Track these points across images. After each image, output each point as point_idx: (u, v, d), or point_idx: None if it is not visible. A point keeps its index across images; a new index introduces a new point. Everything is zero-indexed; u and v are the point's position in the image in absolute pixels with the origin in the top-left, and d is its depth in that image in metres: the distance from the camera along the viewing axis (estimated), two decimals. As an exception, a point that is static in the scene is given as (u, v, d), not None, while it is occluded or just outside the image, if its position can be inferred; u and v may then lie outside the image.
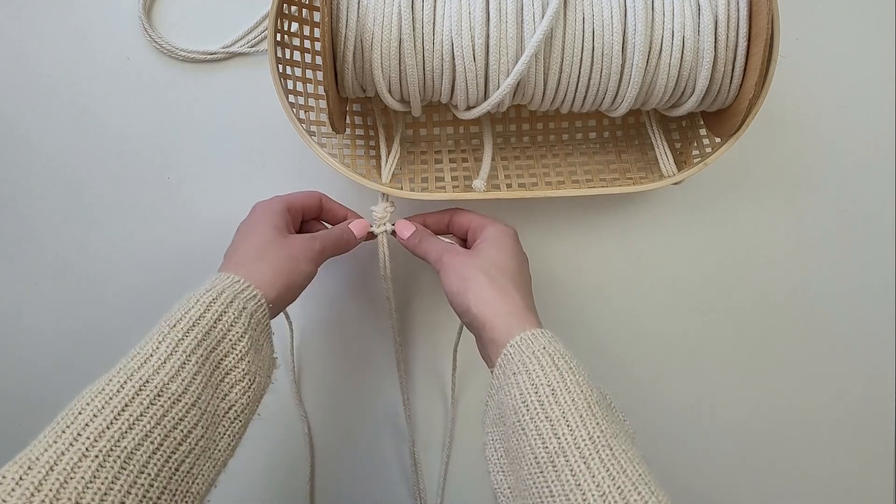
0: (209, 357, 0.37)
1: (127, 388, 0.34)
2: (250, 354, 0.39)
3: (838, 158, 0.59)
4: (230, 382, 0.38)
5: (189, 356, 0.36)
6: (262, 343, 0.42)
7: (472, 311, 0.43)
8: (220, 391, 0.38)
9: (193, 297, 0.39)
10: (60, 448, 0.31)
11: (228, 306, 0.39)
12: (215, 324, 0.38)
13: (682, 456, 0.62)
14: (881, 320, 0.61)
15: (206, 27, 0.57)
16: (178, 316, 0.38)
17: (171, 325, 0.37)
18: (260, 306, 0.41)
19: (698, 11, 0.45)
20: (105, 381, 0.34)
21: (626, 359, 0.61)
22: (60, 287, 0.59)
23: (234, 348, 0.38)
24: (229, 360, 0.38)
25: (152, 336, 0.37)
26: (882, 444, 0.62)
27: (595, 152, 0.57)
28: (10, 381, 0.60)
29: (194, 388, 0.36)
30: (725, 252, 0.60)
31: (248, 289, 0.41)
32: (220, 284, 0.40)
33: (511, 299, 0.44)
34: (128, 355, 0.36)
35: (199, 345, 0.37)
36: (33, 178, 0.58)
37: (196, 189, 0.58)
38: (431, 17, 0.45)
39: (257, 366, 0.40)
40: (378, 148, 0.55)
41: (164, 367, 0.35)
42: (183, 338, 0.37)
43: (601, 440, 0.35)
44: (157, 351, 0.36)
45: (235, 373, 0.38)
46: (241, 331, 0.39)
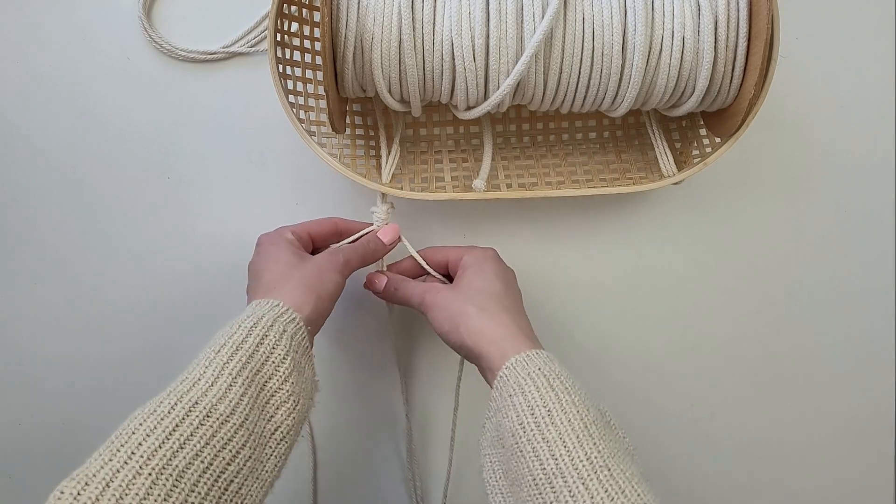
0: (254, 379, 0.38)
1: (177, 409, 0.35)
2: (293, 376, 0.40)
3: (838, 158, 0.59)
4: (275, 404, 0.39)
5: (235, 378, 0.37)
6: (304, 365, 0.42)
7: (467, 344, 0.43)
8: (266, 412, 0.38)
9: (235, 323, 0.40)
10: (116, 466, 0.32)
11: (269, 329, 0.40)
12: (258, 347, 0.39)
13: (682, 456, 0.62)
14: (881, 320, 0.61)
15: (206, 27, 0.57)
16: (221, 341, 0.39)
17: (216, 351, 0.38)
18: (299, 329, 0.42)
19: (698, 11, 0.45)
20: (157, 402, 0.35)
21: (626, 359, 0.61)
22: (60, 287, 0.59)
23: (278, 370, 0.39)
24: (273, 382, 0.39)
25: (199, 361, 0.38)
26: (882, 444, 0.62)
27: (595, 152, 0.57)
28: (10, 381, 0.60)
29: (241, 408, 0.36)
30: (725, 252, 0.60)
31: (286, 312, 0.42)
32: (260, 310, 0.41)
33: (502, 323, 0.44)
34: (177, 379, 0.37)
35: (244, 367, 0.38)
36: (33, 178, 0.58)
37: (196, 189, 0.58)
38: (431, 17, 0.45)
39: (301, 387, 0.40)
40: (378, 148, 0.55)
41: (212, 390, 0.36)
42: (228, 361, 0.38)
43: (599, 461, 0.35)
44: (204, 375, 0.37)
45: (280, 394, 0.39)
46: (282, 353, 0.40)
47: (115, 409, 0.61)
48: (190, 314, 0.59)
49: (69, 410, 0.60)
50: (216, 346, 0.38)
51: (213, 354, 0.38)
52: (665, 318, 0.60)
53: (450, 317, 0.45)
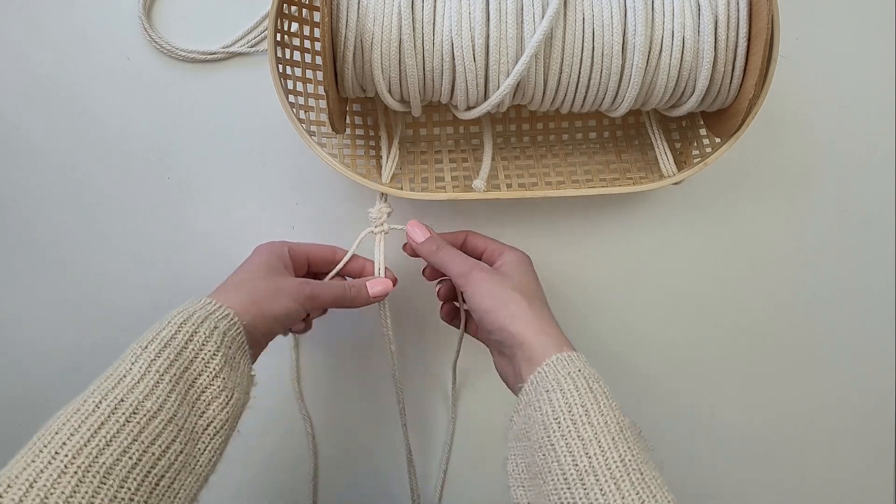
0: (183, 375, 0.38)
1: (102, 406, 0.35)
2: (225, 371, 0.40)
3: (838, 158, 0.59)
4: (207, 399, 0.39)
5: (162, 375, 0.37)
6: (239, 360, 0.42)
7: (509, 328, 0.43)
8: (197, 408, 0.38)
9: (165, 318, 0.40)
10: (39, 466, 0.32)
11: (199, 326, 0.40)
12: (187, 343, 0.39)
13: (683, 455, 0.62)
14: (881, 320, 0.61)
15: (206, 27, 0.57)
16: (149, 337, 0.39)
17: (143, 347, 0.38)
18: (233, 325, 0.42)
19: (698, 11, 0.45)
20: (80, 400, 0.35)
21: (626, 358, 0.61)
22: (60, 286, 0.59)
23: (208, 366, 0.39)
24: (204, 378, 0.39)
25: (125, 357, 0.38)
26: (882, 444, 0.62)
27: (595, 152, 0.57)
28: (10, 381, 0.60)
29: (169, 405, 0.36)
30: (725, 252, 0.60)
31: (219, 309, 0.42)
32: (192, 307, 0.41)
33: (547, 321, 0.44)
34: (101, 376, 0.37)
35: (172, 364, 0.38)
36: (33, 178, 0.58)
37: (196, 189, 0.58)
38: (431, 17, 0.45)
39: (234, 382, 0.40)
40: (378, 148, 0.55)
41: (139, 387, 0.36)
42: (155, 358, 0.37)
43: (632, 464, 0.35)
44: (130, 371, 0.37)
45: (211, 390, 0.39)
46: (213, 349, 0.40)
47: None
48: (190, 314, 0.59)
49: (69, 410, 0.60)
50: (143, 343, 0.38)
51: (140, 350, 0.38)
52: (665, 317, 0.60)
53: (494, 296, 0.45)
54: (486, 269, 0.47)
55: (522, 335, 0.43)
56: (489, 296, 0.45)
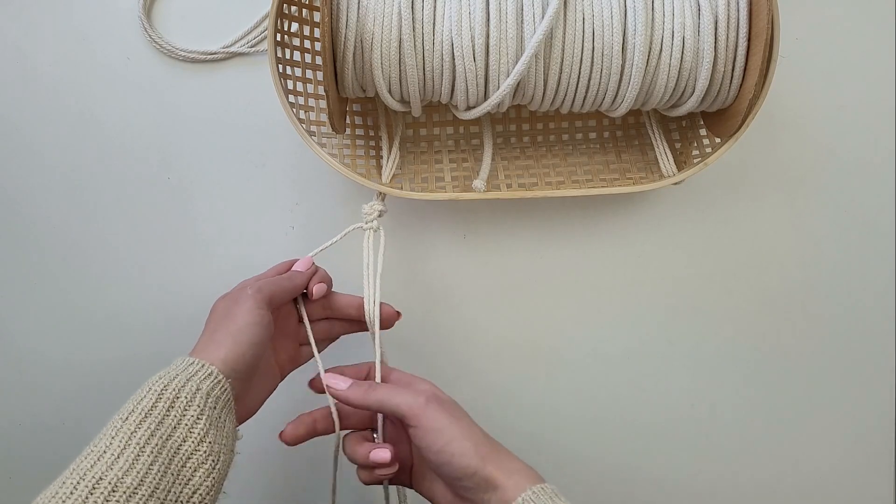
0: (166, 444, 0.37)
1: (80, 488, 0.33)
2: (210, 435, 0.38)
3: (838, 158, 0.59)
4: (192, 466, 0.38)
5: (143, 448, 0.36)
6: (224, 419, 0.41)
7: (482, 473, 0.41)
8: (182, 477, 0.37)
9: (146, 385, 0.39)
10: None
11: (181, 391, 0.39)
12: (168, 411, 0.38)
13: (682, 455, 0.62)
14: (881, 320, 0.61)
15: (206, 27, 0.57)
16: (130, 408, 0.38)
17: (124, 419, 0.37)
18: (218, 383, 0.40)
19: (698, 11, 0.45)
20: (58, 484, 0.34)
21: (626, 358, 0.61)
22: (60, 287, 0.59)
23: (192, 432, 0.38)
24: (188, 445, 0.38)
25: (106, 432, 0.37)
26: (882, 444, 0.62)
27: (595, 152, 0.57)
28: (10, 381, 0.60)
29: (150, 478, 0.35)
30: (725, 252, 0.60)
31: (202, 369, 0.40)
32: (174, 370, 0.40)
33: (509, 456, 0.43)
34: (81, 454, 0.36)
35: (153, 434, 0.37)
36: (33, 178, 0.58)
37: (196, 189, 0.58)
38: (431, 17, 0.45)
39: (220, 445, 0.39)
40: (378, 148, 0.56)
41: (118, 463, 0.35)
42: (136, 430, 0.36)
43: None
44: (109, 447, 0.36)
45: (196, 456, 0.38)
46: (196, 412, 0.38)
47: (114, 408, 0.61)
48: (189, 314, 0.59)
49: (69, 410, 0.60)
50: (124, 414, 0.37)
51: (121, 423, 0.37)
52: (665, 317, 0.60)
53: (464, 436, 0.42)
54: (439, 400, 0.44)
55: (496, 478, 0.41)
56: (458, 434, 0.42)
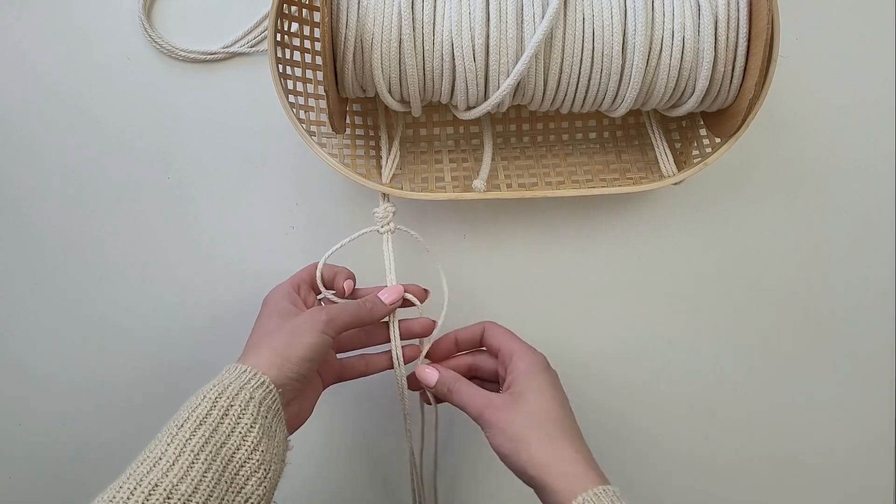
0: (220, 452, 0.37)
1: (136, 494, 0.34)
2: (263, 444, 0.39)
3: (838, 158, 0.59)
4: (245, 475, 0.38)
5: (198, 455, 0.36)
6: (276, 429, 0.41)
7: (529, 472, 0.43)
8: (235, 485, 0.38)
9: (200, 393, 0.40)
10: None
11: (234, 399, 0.39)
12: (223, 419, 0.38)
13: (682, 456, 0.62)
14: (881, 320, 0.61)
15: (206, 27, 0.57)
16: (185, 415, 0.38)
17: (179, 426, 0.38)
18: (269, 393, 0.41)
19: (698, 11, 0.45)
20: (116, 488, 0.35)
21: (626, 359, 0.61)
22: (60, 287, 0.59)
23: (246, 440, 0.39)
24: (242, 453, 0.38)
25: (161, 438, 0.37)
26: (882, 444, 0.62)
27: (595, 152, 0.57)
28: (10, 381, 0.60)
29: (205, 485, 0.36)
30: (725, 252, 0.60)
31: (254, 377, 0.41)
32: (227, 378, 0.41)
33: (566, 454, 0.43)
34: (137, 459, 0.37)
35: (208, 442, 0.37)
36: (33, 178, 0.58)
37: (196, 189, 0.58)
38: (431, 17, 0.45)
39: (271, 454, 0.40)
40: (378, 148, 0.56)
41: (173, 470, 0.36)
42: (190, 437, 0.37)
43: None
44: (165, 454, 0.36)
45: (250, 465, 0.38)
46: (249, 421, 0.39)
47: (115, 409, 0.61)
48: (189, 314, 0.59)
49: (69, 411, 0.60)
50: (179, 421, 0.38)
51: (176, 430, 0.37)
52: (665, 317, 0.60)
53: (510, 439, 0.44)
54: (497, 408, 0.46)
55: (542, 478, 0.42)
56: (504, 440, 0.44)
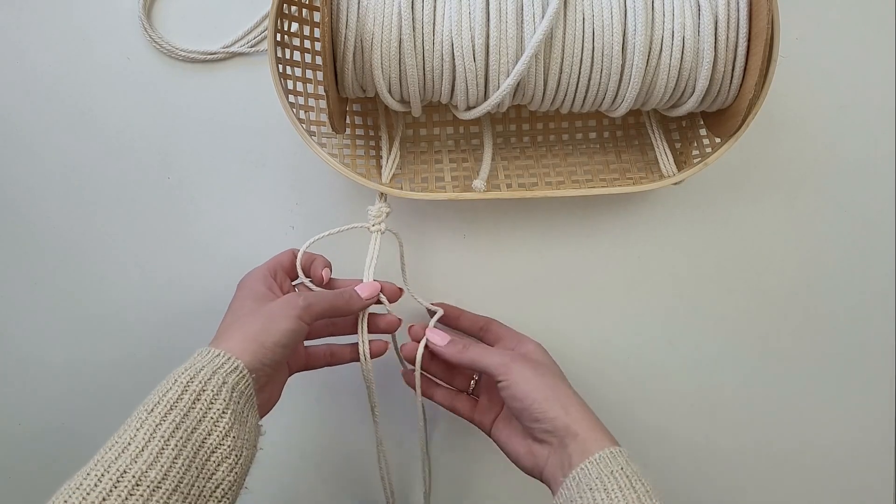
0: (191, 438, 0.37)
1: (104, 481, 0.33)
2: (235, 429, 0.38)
3: (838, 158, 0.59)
4: (216, 461, 0.37)
5: (168, 440, 0.36)
6: (247, 414, 0.41)
7: (563, 419, 0.44)
8: (206, 471, 0.37)
9: (172, 377, 0.39)
10: None
11: (207, 384, 0.38)
12: (194, 404, 0.38)
13: (682, 456, 0.62)
14: (881, 320, 0.61)
15: (206, 27, 0.57)
16: (155, 399, 0.37)
17: (149, 410, 0.37)
18: (242, 378, 0.40)
19: (698, 11, 0.45)
20: (83, 475, 0.34)
21: (626, 359, 0.61)
22: (60, 287, 0.59)
23: (217, 426, 0.38)
24: (213, 439, 0.37)
25: (130, 423, 0.36)
26: (882, 444, 0.62)
27: (595, 152, 0.57)
28: (10, 381, 0.60)
29: (174, 472, 0.35)
30: (725, 252, 0.60)
31: (228, 361, 0.40)
32: (200, 361, 0.40)
33: (590, 413, 0.45)
34: (106, 444, 0.36)
35: (178, 427, 0.36)
36: (33, 178, 0.58)
37: (196, 189, 0.58)
38: (431, 17, 0.45)
39: (243, 440, 0.39)
40: (378, 148, 0.56)
41: (142, 456, 0.35)
42: (161, 422, 0.36)
43: None
44: (134, 439, 0.35)
45: (221, 450, 0.38)
46: (221, 407, 0.38)
47: (115, 409, 0.61)
48: (189, 314, 0.59)
49: (69, 410, 0.60)
50: (149, 406, 0.37)
51: (146, 415, 0.37)
52: (665, 317, 0.60)
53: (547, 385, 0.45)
54: (526, 359, 0.48)
55: (577, 427, 0.43)
56: (541, 385, 0.45)
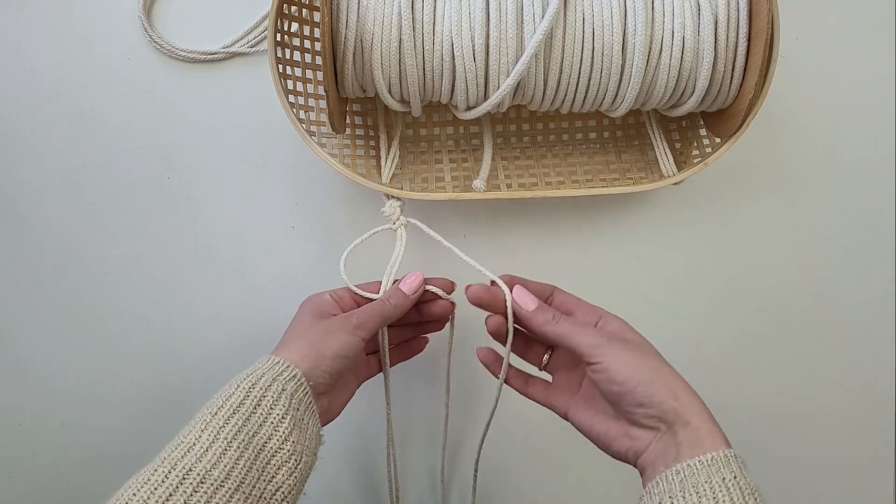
0: (252, 441, 0.38)
1: (171, 477, 0.35)
2: (294, 435, 0.40)
3: (838, 158, 0.59)
4: (276, 464, 0.39)
5: (230, 442, 0.37)
6: (307, 421, 0.42)
7: (673, 404, 0.40)
8: (266, 473, 0.39)
9: (234, 382, 0.41)
10: None
11: (267, 390, 0.40)
12: (255, 408, 0.39)
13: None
14: (881, 320, 0.61)
15: (206, 27, 0.57)
16: (219, 403, 0.39)
17: (213, 413, 0.39)
18: (300, 385, 0.42)
19: (698, 11, 0.45)
20: (150, 470, 0.36)
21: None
22: (59, 287, 0.59)
23: (277, 430, 0.39)
24: (273, 443, 0.39)
25: (195, 424, 0.38)
26: (882, 444, 0.62)
27: (595, 152, 0.57)
28: (10, 381, 0.60)
29: (237, 472, 0.37)
30: (725, 252, 0.60)
31: (287, 369, 0.42)
32: (261, 368, 0.42)
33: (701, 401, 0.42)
34: (171, 444, 0.38)
35: (241, 430, 0.38)
36: (33, 178, 0.58)
37: (196, 189, 0.58)
38: (431, 17, 0.45)
39: (303, 445, 0.41)
40: (378, 148, 0.56)
41: (207, 455, 0.37)
42: (224, 425, 0.38)
43: None
44: (199, 440, 0.37)
45: (281, 454, 0.39)
46: (281, 412, 0.40)
47: (115, 409, 0.61)
48: (189, 314, 0.59)
49: (69, 410, 0.60)
50: (213, 409, 0.39)
51: (210, 417, 0.38)
52: (665, 317, 0.60)
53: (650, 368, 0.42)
54: (623, 340, 0.44)
55: (689, 414, 0.40)
56: (643, 367, 0.41)
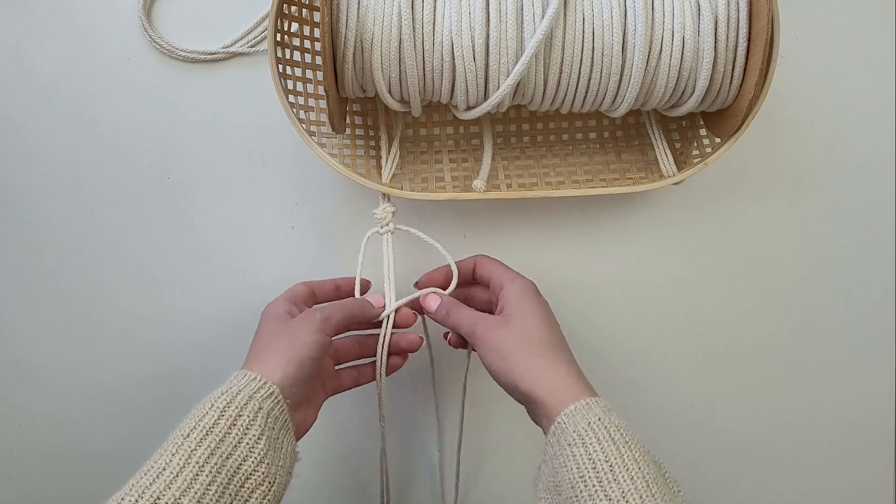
0: (225, 465, 0.37)
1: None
2: (269, 456, 0.39)
3: (838, 158, 0.59)
4: (250, 487, 0.38)
5: (202, 466, 0.36)
6: (283, 440, 0.41)
7: (521, 388, 0.43)
8: (239, 497, 0.37)
9: (208, 401, 0.39)
10: None
11: (243, 409, 0.39)
12: (230, 429, 0.38)
13: (682, 456, 0.62)
14: (881, 320, 0.61)
15: (206, 27, 0.57)
16: (192, 424, 0.38)
17: (185, 436, 0.37)
18: (277, 403, 0.41)
19: (698, 11, 0.45)
20: (116, 500, 0.35)
21: (626, 358, 0.61)
22: (59, 287, 0.59)
23: (252, 453, 0.38)
24: (248, 466, 0.38)
25: (166, 448, 0.37)
26: (882, 444, 0.62)
27: (595, 152, 0.57)
28: (10, 381, 0.60)
29: (208, 499, 0.36)
30: (725, 252, 0.60)
31: (264, 387, 0.41)
32: (236, 385, 0.40)
33: (556, 371, 0.44)
34: (141, 469, 0.36)
35: (213, 453, 0.37)
36: (33, 178, 0.58)
37: (196, 189, 0.58)
38: (431, 17, 0.45)
39: (277, 466, 0.40)
40: (378, 148, 0.56)
41: (176, 482, 0.35)
42: (196, 448, 0.37)
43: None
44: (169, 464, 0.36)
45: (255, 477, 0.38)
46: (257, 433, 0.39)
47: (114, 409, 0.61)
48: (189, 313, 0.59)
49: (69, 410, 0.60)
50: (185, 430, 0.38)
51: (181, 440, 0.37)
52: (665, 317, 0.60)
53: (502, 356, 0.44)
54: (490, 326, 0.46)
55: (535, 393, 0.42)
56: (496, 357, 0.45)
